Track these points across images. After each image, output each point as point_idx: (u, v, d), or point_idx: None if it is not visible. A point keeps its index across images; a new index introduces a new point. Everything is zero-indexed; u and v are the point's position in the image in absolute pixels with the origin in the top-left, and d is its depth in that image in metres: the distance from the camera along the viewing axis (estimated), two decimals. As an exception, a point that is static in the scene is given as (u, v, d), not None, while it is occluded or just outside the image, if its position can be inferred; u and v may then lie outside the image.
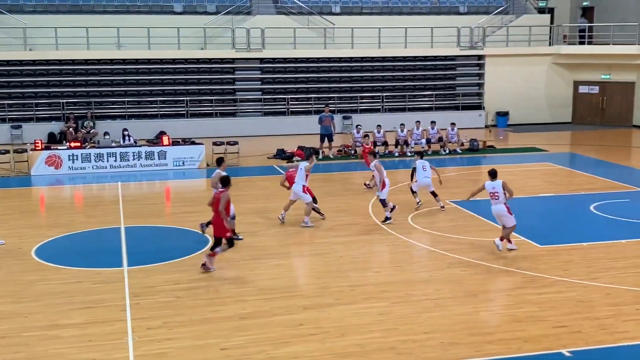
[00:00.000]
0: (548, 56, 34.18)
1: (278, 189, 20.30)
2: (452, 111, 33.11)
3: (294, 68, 32.85)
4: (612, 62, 33.21)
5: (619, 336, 10.32)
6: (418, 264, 13.68)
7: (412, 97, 33.34)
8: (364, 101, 32.86)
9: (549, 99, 34.48)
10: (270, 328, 10.71)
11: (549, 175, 22.18)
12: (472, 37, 33.80)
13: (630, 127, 33.22)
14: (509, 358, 9.69)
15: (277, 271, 13.34)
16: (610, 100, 33.97)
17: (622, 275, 12.96)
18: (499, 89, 33.80)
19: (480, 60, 34.19)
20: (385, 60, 33.48)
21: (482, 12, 35.44)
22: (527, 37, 34.02)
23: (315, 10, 33.50)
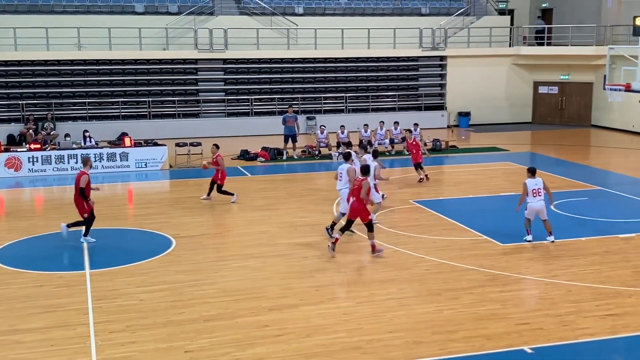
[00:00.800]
0: (508, 57, 34.65)
1: (242, 190, 20.27)
2: (415, 111, 33.34)
3: (257, 69, 32.77)
4: (570, 62, 33.80)
5: (579, 332, 10.51)
6: (382, 263, 13.75)
7: (375, 97, 33.51)
8: (327, 102, 32.92)
9: (509, 99, 34.96)
10: (235, 330, 10.67)
11: (510, 175, 22.47)
12: (434, 38, 34.10)
13: (589, 126, 33.84)
14: (472, 356, 9.81)
15: (242, 273, 13.30)
16: (569, 100, 34.58)
17: (582, 272, 13.20)
18: (461, 90, 34.17)
19: (442, 61, 34.50)
20: (348, 61, 33.60)
21: (443, 13, 35.78)
22: (487, 38, 34.44)
23: (278, 11, 33.47)
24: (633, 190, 19.97)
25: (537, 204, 14.79)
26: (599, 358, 9.96)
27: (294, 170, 23.93)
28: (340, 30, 32.35)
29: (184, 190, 20.78)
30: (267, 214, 17.60)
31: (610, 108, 31.87)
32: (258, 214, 17.69)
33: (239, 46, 31.82)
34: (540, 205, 14.80)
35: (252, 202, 18.91)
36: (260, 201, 19.08)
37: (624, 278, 12.82)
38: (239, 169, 23.78)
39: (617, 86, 19.42)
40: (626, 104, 29.46)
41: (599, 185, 20.48)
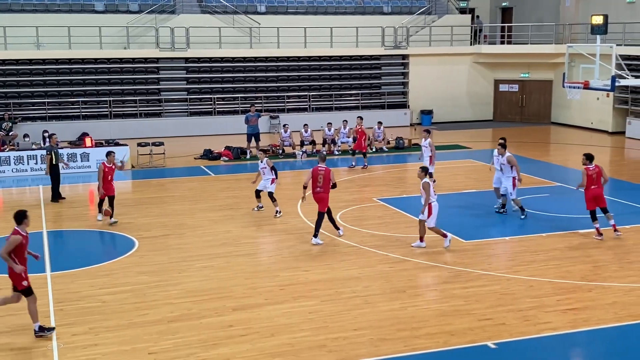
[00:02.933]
0: (469, 55, 35.01)
1: (205, 190, 20.15)
2: (378, 110, 33.50)
3: (220, 67, 32.58)
4: (530, 61, 34.29)
5: (541, 327, 10.67)
6: (347, 261, 13.78)
7: (338, 96, 33.58)
8: (291, 100, 32.89)
9: (471, 97, 35.33)
10: (200, 330, 10.60)
11: (472, 172, 22.72)
12: (396, 37, 34.30)
13: (549, 124, 34.37)
14: (436, 352, 9.89)
15: (206, 273, 13.21)
16: (529, 98, 35.07)
17: (543, 267, 13.40)
18: (423, 88, 34.42)
19: (405, 59, 34.71)
20: (311, 59, 33.60)
21: (405, 12, 35.99)
22: (449, 37, 34.75)
23: (240, 9, 33.32)
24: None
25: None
26: (560, 352, 10.12)
27: (257, 169, 23.79)
28: (303, 29, 32.35)
29: (146, 190, 20.57)
30: (231, 214, 17.53)
31: (569, 105, 32.42)
32: (222, 213, 17.61)
33: (201, 45, 31.61)
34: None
35: (216, 202, 18.80)
36: (224, 201, 18.98)
37: (584, 273, 13.05)
38: (202, 168, 23.62)
39: (575, 84, 19.73)
40: (585, 101, 29.99)
41: (559, 182, 20.82)
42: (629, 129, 30.05)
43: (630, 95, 30.20)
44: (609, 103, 30.82)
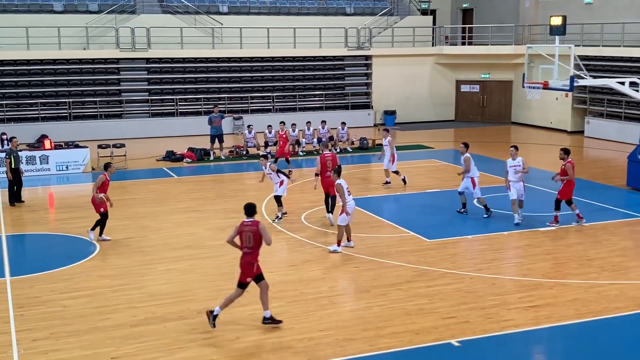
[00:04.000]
0: (431, 56, 35.30)
1: (168, 192, 19.96)
2: (342, 110, 33.57)
3: (182, 68, 32.32)
4: (491, 62, 34.71)
5: (504, 324, 10.79)
6: (312, 262, 13.78)
7: (302, 97, 33.56)
8: (254, 101, 32.78)
9: (433, 97, 35.63)
10: (164, 334, 10.50)
11: (435, 172, 22.90)
12: (359, 38, 34.42)
13: (509, 123, 34.82)
14: (401, 351, 9.94)
15: (169, 276, 13.09)
16: (490, 99, 35.51)
17: (505, 265, 13.57)
18: (386, 89, 34.60)
19: (368, 60, 34.85)
20: (274, 60, 33.54)
21: (368, 13, 36.15)
22: (411, 38, 34.99)
23: (202, 9, 33.11)
24: (552, 185, 20.62)
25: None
26: (523, 349, 10.25)
27: (221, 170, 23.72)
28: (266, 30, 32.26)
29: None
30: (194, 216, 17.39)
31: (529, 105, 32.90)
32: (185, 215, 17.46)
33: (163, 45, 31.33)
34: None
35: (179, 204, 18.64)
36: (187, 203, 18.83)
37: (545, 270, 13.24)
38: (165, 170, 23.40)
39: (535, 84, 20.02)
40: (544, 101, 30.47)
41: (520, 181, 21.09)
42: (587, 129, 30.60)
43: (588, 95, 30.76)
44: (568, 103, 31.35)
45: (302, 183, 21.22)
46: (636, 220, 16.72)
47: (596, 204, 18.22)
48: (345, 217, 14.17)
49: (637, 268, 13.45)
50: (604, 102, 29.89)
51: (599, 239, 15.21)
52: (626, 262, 13.77)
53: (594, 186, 20.61)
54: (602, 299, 11.74)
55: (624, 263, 13.67)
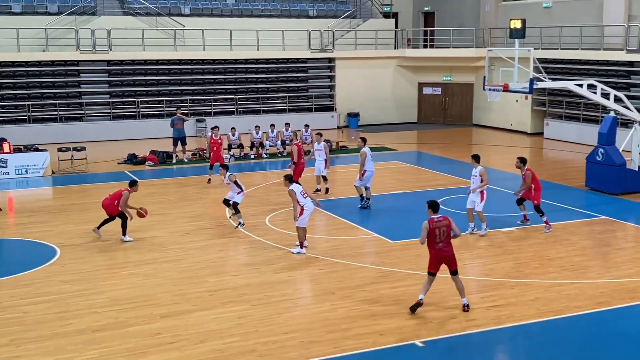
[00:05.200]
0: (394, 59, 35.53)
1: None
2: (305, 113, 33.61)
3: (144, 70, 32.01)
4: (452, 64, 35.09)
5: (466, 324, 10.90)
6: (276, 265, 13.76)
7: (265, 99, 33.50)
8: (217, 103, 32.61)
9: (396, 100, 35.86)
10: (126, 339, 10.38)
11: (398, 173, 23.05)
12: (322, 40, 34.50)
13: (471, 125, 35.23)
14: (366, 352, 9.98)
15: (132, 280, 12.95)
16: (451, 101, 35.88)
17: (467, 266, 13.71)
18: (350, 91, 34.72)
19: (331, 62, 34.95)
20: (237, 62, 33.42)
21: (330, 15, 36.26)
22: (374, 41, 35.17)
23: (164, 11, 32.84)
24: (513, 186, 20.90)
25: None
26: (486, 348, 10.37)
27: (184, 173, 23.54)
28: (229, 32, 32.13)
29: (68, 197, 20.00)
30: (157, 219, 17.23)
31: (490, 108, 33.32)
32: (148, 219, 17.23)
33: (124, 47, 30.99)
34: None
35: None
36: (150, 206, 18.56)
37: (506, 270, 13.42)
38: (127, 173, 23.15)
39: (495, 87, 20.27)
40: (504, 103, 30.92)
41: (482, 182, 21.33)
42: (546, 130, 31.11)
43: (547, 98, 31.28)
44: (528, 105, 31.84)
45: (266, 186, 21.19)
46: (595, 220, 17.05)
47: (556, 205, 18.53)
48: (304, 218, 14.19)
49: (596, 267, 13.71)
50: (563, 104, 30.42)
51: (559, 238, 15.46)
52: (586, 261, 14.03)
53: (554, 187, 20.95)
54: (562, 298, 11.94)
55: (584, 262, 13.93)
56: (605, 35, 28.95)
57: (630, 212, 17.99)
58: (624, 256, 14.31)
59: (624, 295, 12.05)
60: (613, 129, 19.84)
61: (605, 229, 16.30)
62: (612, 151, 19.64)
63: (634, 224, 16.88)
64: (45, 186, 21.58)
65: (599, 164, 19.83)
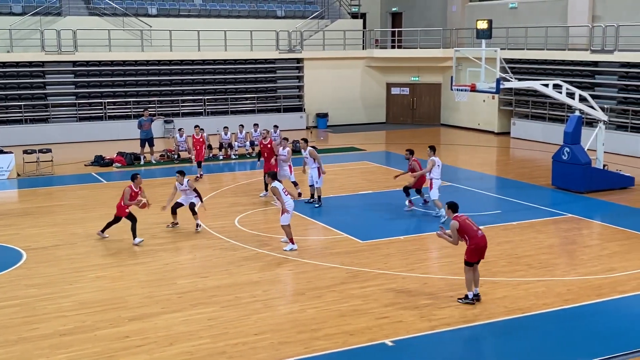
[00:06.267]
0: (362, 59, 35.64)
1: (98, 198, 19.52)
2: (274, 113, 33.56)
3: (110, 71, 31.68)
4: (420, 65, 35.30)
5: (436, 323, 10.98)
6: (246, 266, 13.71)
7: (234, 100, 33.38)
8: (185, 105, 32.40)
9: (364, 100, 35.98)
10: (94, 343, 10.26)
11: (367, 173, 23.12)
12: (291, 41, 34.48)
13: (439, 125, 35.48)
14: (336, 352, 9.99)
15: (99, 283, 12.80)
16: (419, 101, 36.10)
17: (436, 265, 13.81)
18: (318, 91, 34.74)
19: (299, 63, 34.94)
20: (205, 63, 33.24)
21: (299, 16, 36.25)
22: (342, 41, 35.25)
23: (130, 11, 32.53)
24: (480, 185, 21.16)
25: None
26: (455, 346, 10.44)
27: (152, 175, 23.34)
28: (196, 32, 31.94)
29: (33, 199, 19.70)
30: (124, 221, 17.02)
31: (458, 108, 33.60)
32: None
33: (90, 48, 30.64)
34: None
35: (109, 210, 18.17)
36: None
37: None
38: (94, 175, 22.89)
39: (463, 87, 20.43)
40: (472, 103, 31.20)
41: (449, 181, 21.47)
42: (513, 130, 31.47)
43: (514, 97, 31.64)
44: (495, 105, 32.16)
45: (235, 187, 21.10)
46: (561, 218, 17.28)
47: (523, 203, 18.74)
48: (287, 216, 14.27)
49: (563, 265, 13.90)
50: (529, 104, 30.79)
51: (526, 237, 15.64)
52: (552, 259, 14.21)
53: (521, 185, 21.20)
54: (530, 295, 12.07)
55: (551, 260, 14.11)
56: (570, 36, 29.38)
57: (596, 210, 18.27)
58: (589, 254, 14.52)
59: (590, 292, 12.23)
60: (578, 128, 20.12)
61: (571, 227, 16.53)
62: (578, 150, 19.93)
63: (600, 222, 17.15)
64: (10, 189, 21.24)
65: (565, 163, 20.10)
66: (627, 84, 27.14)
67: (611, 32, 27.01)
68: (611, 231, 16.11)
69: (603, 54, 27.43)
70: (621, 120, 26.77)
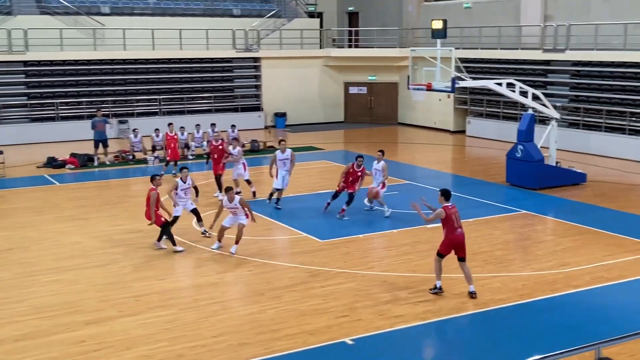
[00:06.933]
0: (320, 59, 35.67)
1: (50, 200, 19.15)
2: (232, 113, 33.36)
3: (62, 71, 31.09)
4: (377, 64, 35.49)
5: (395, 320, 11.04)
6: (204, 267, 13.59)
7: (190, 99, 33.08)
8: (140, 104, 31.99)
9: (322, 99, 36.01)
10: (50, 348, 10.05)
11: (325, 173, 23.15)
12: (247, 40, 34.31)
13: (396, 124, 35.72)
14: (296, 352, 9.97)
15: (55, 287, 12.55)
16: (377, 100, 36.28)
17: (395, 263, 13.89)
18: (276, 91, 34.66)
19: (257, 62, 34.80)
20: (160, 62, 32.87)
21: (255, 15, 36.10)
22: (299, 40, 35.22)
23: (83, 10, 31.99)
24: (437, 183, 21.32)
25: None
26: (414, 343, 10.52)
27: (106, 176, 23.00)
28: (151, 31, 31.56)
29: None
30: (79, 224, 16.77)
31: (414, 106, 33.87)
32: (70, 224, 16.81)
33: (41, 47, 30.03)
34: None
35: (62, 212, 17.92)
36: (71, 211, 18.13)
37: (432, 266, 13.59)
38: (46, 177, 22.45)
39: (419, 86, 20.60)
40: (428, 102, 31.44)
41: (407, 179, 21.67)
42: (468, 128, 31.86)
43: (469, 96, 32.03)
44: (450, 104, 32.52)
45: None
46: (516, 215, 17.55)
47: (478, 200, 18.99)
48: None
49: (518, 260, 14.12)
50: (484, 102, 31.21)
51: (481, 233, 15.84)
52: (508, 255, 14.43)
53: (476, 183, 21.47)
54: (486, 291, 12.23)
55: (506, 256, 14.32)
56: (523, 35, 29.86)
57: (549, 207, 18.61)
58: (544, 249, 14.78)
59: (545, 287, 12.45)
60: (531, 126, 20.46)
61: (525, 223, 16.80)
62: (531, 147, 20.26)
63: (553, 218, 17.47)
64: (-41, 192, 20.71)
65: (519, 160, 20.42)
66: (579, 82, 27.71)
67: (563, 32, 27.55)
68: (564, 227, 16.42)
69: (555, 53, 27.96)
70: (573, 118, 27.32)
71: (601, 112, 26.21)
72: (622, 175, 22.32)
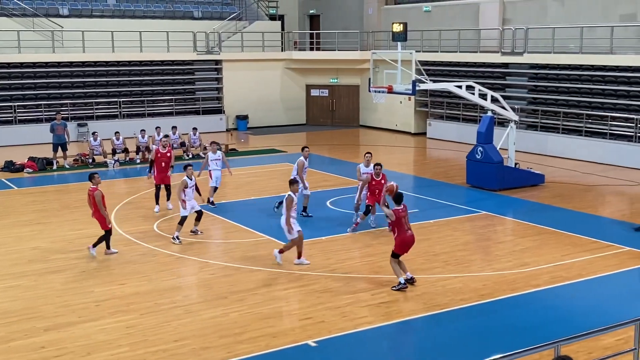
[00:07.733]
0: (281, 61, 35.67)
1: (8, 204, 18.81)
2: (193, 116, 33.15)
3: (20, 73, 30.56)
4: (338, 67, 35.62)
5: (358, 322, 11.09)
6: (166, 271, 13.49)
7: (151, 102, 32.78)
8: (100, 107, 31.60)
9: (284, 102, 36.01)
10: (8, 355, 9.88)
11: (288, 175, 22.95)
12: (208, 42, 34.15)
13: (358, 126, 35.90)
14: (259, 355, 9.96)
15: (13, 293, 12.33)
16: (339, 102, 36.41)
17: (357, 264, 13.96)
18: (238, 93, 34.56)
19: (218, 65, 34.65)
20: (120, 64, 32.52)
21: (216, 17, 35.94)
22: (261, 43, 35.17)
23: (41, 12, 31.49)
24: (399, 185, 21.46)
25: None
26: (376, 344, 10.58)
27: (66, 180, 22.66)
28: (110, 33, 31.21)
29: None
30: (38, 229, 16.50)
31: (376, 109, 34.08)
32: (28, 229, 16.53)
33: (-2, 49, 29.52)
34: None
35: (21, 217, 17.61)
36: (30, 215, 17.83)
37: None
38: (4, 181, 22.03)
39: (380, 88, 20.73)
40: (389, 104, 31.69)
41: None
42: (429, 130, 32.17)
43: (429, 99, 32.34)
44: (411, 106, 32.79)
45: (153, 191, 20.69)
46: (476, 216, 17.78)
47: (439, 202, 19.18)
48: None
49: (479, 261, 14.30)
50: (444, 105, 31.54)
51: (442, 234, 16.01)
52: (468, 255, 14.61)
53: (437, 184, 21.69)
54: (447, 292, 12.37)
55: (467, 257, 14.49)
56: (482, 39, 30.27)
57: (509, 207, 18.90)
58: (503, 249, 15.00)
59: (505, 287, 12.63)
60: (491, 128, 20.74)
61: (485, 224, 17.03)
62: (490, 149, 20.54)
63: (512, 219, 17.74)
64: None
65: (479, 162, 20.69)
66: (537, 84, 28.19)
67: (520, 35, 27.99)
68: (523, 227, 16.69)
69: (513, 56, 28.39)
70: (531, 120, 27.78)
71: (558, 114, 26.70)
72: (579, 176, 22.77)
